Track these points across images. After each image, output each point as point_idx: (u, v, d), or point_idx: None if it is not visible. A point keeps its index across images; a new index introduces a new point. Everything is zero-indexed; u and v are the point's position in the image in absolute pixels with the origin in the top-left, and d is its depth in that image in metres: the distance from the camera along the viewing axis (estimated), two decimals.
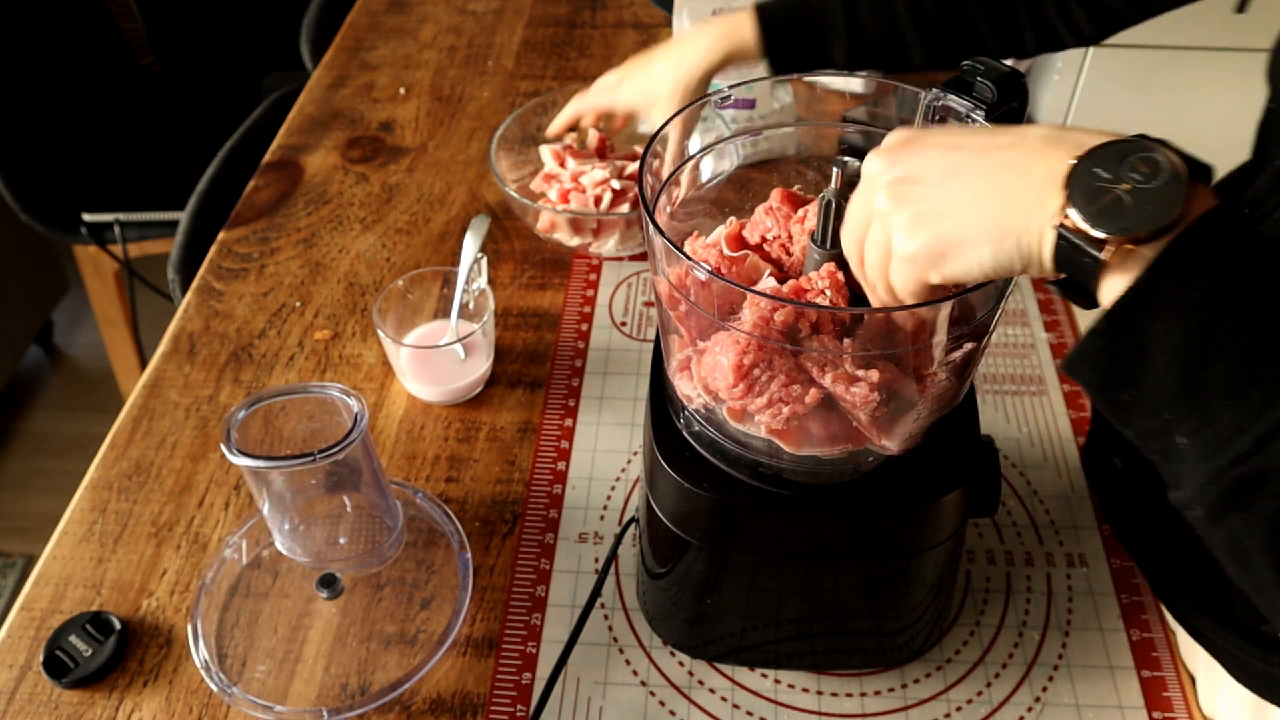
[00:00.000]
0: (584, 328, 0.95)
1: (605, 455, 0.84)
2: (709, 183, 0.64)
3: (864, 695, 0.68)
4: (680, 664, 0.70)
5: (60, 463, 2.01)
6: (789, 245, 0.56)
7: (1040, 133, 0.44)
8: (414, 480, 0.82)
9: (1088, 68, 1.52)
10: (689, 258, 0.50)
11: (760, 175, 0.64)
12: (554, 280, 1.00)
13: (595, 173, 1.01)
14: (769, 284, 0.52)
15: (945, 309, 0.48)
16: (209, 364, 0.92)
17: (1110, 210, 0.40)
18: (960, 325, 0.50)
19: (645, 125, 0.96)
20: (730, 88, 0.61)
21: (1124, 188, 0.40)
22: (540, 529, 0.78)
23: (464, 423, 0.86)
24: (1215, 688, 0.67)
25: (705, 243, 0.56)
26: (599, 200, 1.00)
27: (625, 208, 1.00)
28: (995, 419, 0.86)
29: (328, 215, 1.08)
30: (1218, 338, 0.39)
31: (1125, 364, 0.41)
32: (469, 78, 1.30)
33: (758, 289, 0.52)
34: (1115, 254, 0.40)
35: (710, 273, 0.51)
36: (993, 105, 0.57)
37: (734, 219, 0.58)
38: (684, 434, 0.60)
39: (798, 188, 0.58)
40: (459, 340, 0.86)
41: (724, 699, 0.69)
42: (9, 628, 0.73)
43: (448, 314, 0.91)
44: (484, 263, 0.89)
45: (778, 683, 0.69)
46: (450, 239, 1.05)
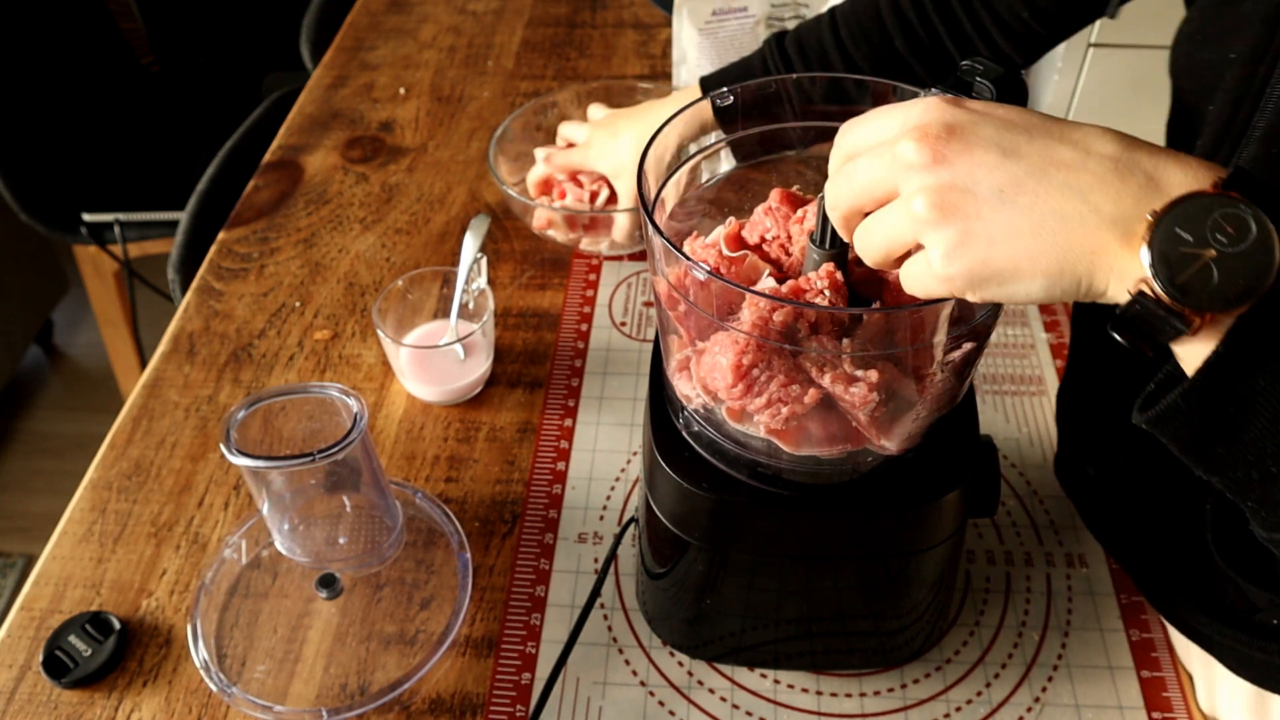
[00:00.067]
0: (584, 328, 0.95)
1: (605, 455, 0.84)
2: (708, 183, 0.64)
3: (863, 695, 0.69)
4: (680, 664, 0.70)
5: (60, 463, 2.01)
6: (788, 245, 0.56)
7: (1106, 151, 0.40)
8: (414, 480, 0.82)
9: (1088, 68, 1.52)
10: (688, 258, 0.50)
11: (760, 175, 0.64)
12: (554, 280, 1.00)
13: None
14: (768, 284, 0.52)
15: (945, 309, 0.48)
16: (209, 364, 0.92)
17: (1197, 281, 0.37)
18: (960, 325, 0.50)
19: (617, 186, 0.99)
20: (730, 89, 0.61)
21: (1210, 254, 0.37)
22: (540, 529, 0.78)
23: (464, 423, 0.86)
24: (1213, 685, 0.67)
25: (704, 243, 0.56)
26: (595, 196, 1.00)
27: (619, 204, 1.00)
28: (995, 419, 0.86)
29: (328, 215, 1.08)
30: None
31: (1222, 420, 0.39)
32: (469, 78, 1.30)
33: (757, 289, 0.52)
34: (1202, 323, 0.38)
35: (709, 273, 0.51)
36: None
37: (733, 219, 0.58)
38: (683, 434, 0.60)
39: (797, 188, 0.58)
40: (459, 340, 0.86)
41: (723, 699, 0.69)
42: (9, 628, 0.73)
43: (447, 314, 0.91)
44: (484, 263, 0.89)
45: (777, 683, 0.69)
46: (450, 239, 1.05)
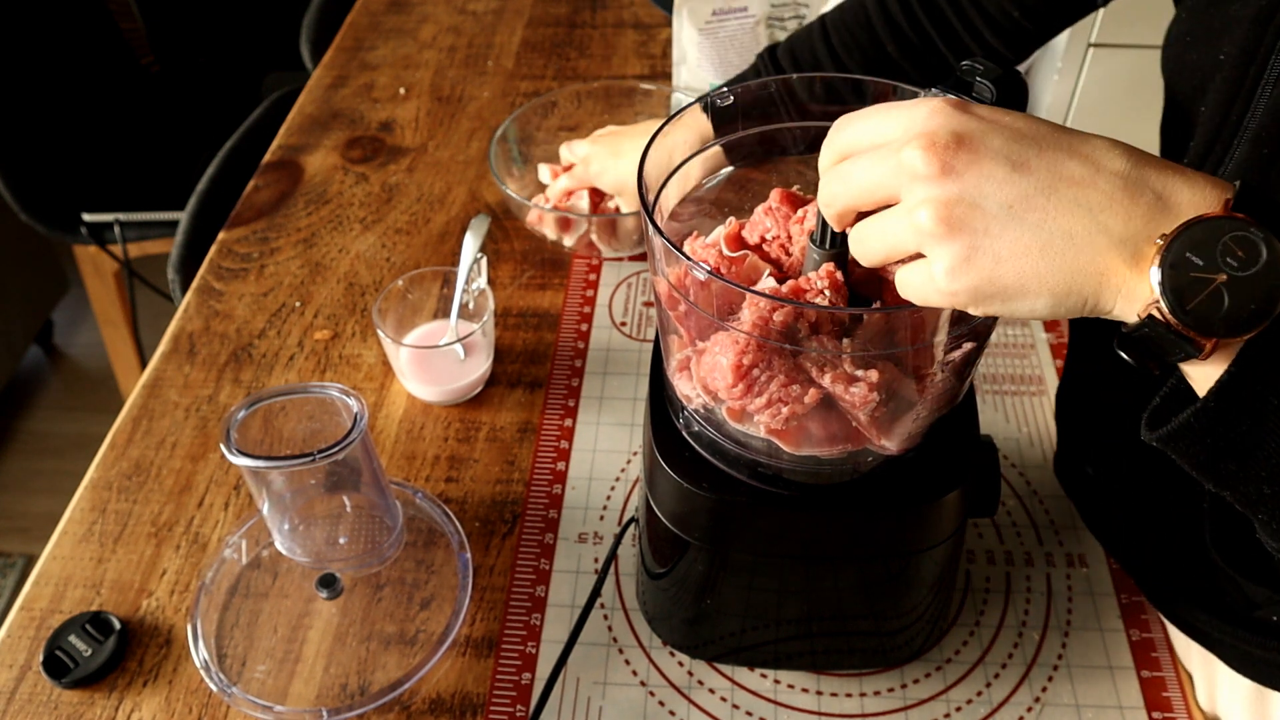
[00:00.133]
0: (584, 328, 0.95)
1: (605, 455, 0.84)
2: (708, 183, 0.64)
3: (864, 695, 0.69)
4: (680, 664, 0.70)
5: (60, 463, 2.01)
6: (788, 245, 0.56)
7: (1115, 167, 0.40)
8: (414, 480, 0.82)
9: (1088, 67, 1.52)
10: (688, 258, 0.50)
11: (760, 175, 0.64)
12: (554, 280, 1.00)
13: None
14: (768, 284, 0.52)
15: (946, 310, 0.48)
16: (209, 364, 0.92)
17: (1208, 307, 0.37)
18: (960, 325, 0.50)
19: (620, 203, 1.00)
20: (730, 89, 0.61)
21: (1220, 278, 0.37)
22: (540, 529, 0.78)
23: (464, 423, 0.86)
24: (1213, 683, 0.67)
25: (704, 243, 0.56)
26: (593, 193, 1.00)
27: (612, 205, 1.01)
28: (995, 419, 0.86)
29: (328, 215, 1.08)
30: None
31: (1235, 438, 0.39)
32: (469, 78, 1.30)
33: (757, 289, 0.52)
34: (1212, 347, 0.38)
35: (709, 273, 0.51)
36: (992, 105, 0.57)
37: (733, 219, 0.58)
38: (683, 434, 0.60)
39: (797, 188, 0.58)
40: (459, 340, 0.86)
41: (723, 699, 0.69)
42: (9, 628, 0.73)
43: (448, 314, 0.91)
44: (484, 263, 0.89)
45: (777, 683, 0.69)
46: (450, 239, 1.05)
